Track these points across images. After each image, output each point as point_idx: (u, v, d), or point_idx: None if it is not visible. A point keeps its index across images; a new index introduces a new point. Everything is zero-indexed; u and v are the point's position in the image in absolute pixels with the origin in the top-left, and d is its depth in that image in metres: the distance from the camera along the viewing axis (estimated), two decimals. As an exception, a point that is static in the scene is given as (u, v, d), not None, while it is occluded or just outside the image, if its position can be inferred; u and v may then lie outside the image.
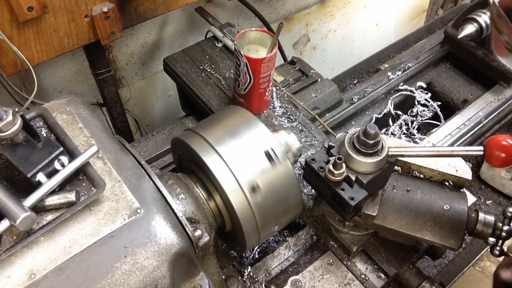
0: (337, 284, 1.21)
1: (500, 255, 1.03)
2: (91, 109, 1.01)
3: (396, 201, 1.14)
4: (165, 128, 1.59)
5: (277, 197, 1.04)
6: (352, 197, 0.99)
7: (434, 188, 1.17)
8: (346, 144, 1.01)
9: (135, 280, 0.78)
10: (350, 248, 1.20)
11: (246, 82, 1.36)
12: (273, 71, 1.38)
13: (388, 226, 1.12)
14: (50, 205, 0.81)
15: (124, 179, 0.88)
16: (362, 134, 0.98)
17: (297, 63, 1.75)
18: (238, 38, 1.33)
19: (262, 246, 1.40)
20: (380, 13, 3.01)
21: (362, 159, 0.99)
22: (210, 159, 1.00)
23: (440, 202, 1.13)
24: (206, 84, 1.56)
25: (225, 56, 1.66)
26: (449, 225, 1.10)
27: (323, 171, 1.02)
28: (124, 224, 0.82)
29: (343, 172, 0.99)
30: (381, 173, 1.02)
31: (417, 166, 1.19)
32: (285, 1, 2.41)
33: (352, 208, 0.99)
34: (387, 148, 1.00)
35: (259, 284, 1.24)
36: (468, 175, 1.17)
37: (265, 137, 1.06)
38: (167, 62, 1.64)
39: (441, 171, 1.17)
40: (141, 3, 1.53)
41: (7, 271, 0.74)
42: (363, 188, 1.00)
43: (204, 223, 1.01)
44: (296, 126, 1.46)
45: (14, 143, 0.80)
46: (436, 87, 1.94)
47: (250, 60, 1.30)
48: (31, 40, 1.37)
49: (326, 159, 1.04)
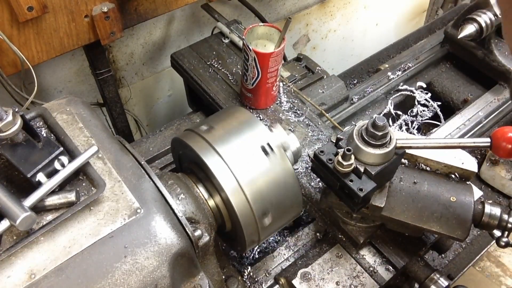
0: (347, 277, 1.22)
1: (506, 246, 1.05)
2: (91, 109, 1.01)
3: (403, 193, 1.15)
4: (173, 123, 1.61)
5: (279, 197, 1.04)
6: (360, 188, 1.00)
7: (440, 180, 1.18)
8: (355, 136, 1.03)
9: (135, 280, 0.78)
10: (357, 240, 1.21)
11: (254, 76, 1.38)
12: (280, 66, 1.39)
13: (395, 217, 1.13)
14: (50, 205, 0.81)
15: (124, 179, 0.88)
16: (371, 125, 1.00)
17: (303, 60, 1.76)
18: (247, 33, 1.34)
19: (262, 246, 1.40)
20: (380, 13, 3.01)
21: (370, 151, 1.00)
22: (210, 159, 1.00)
23: (447, 194, 1.14)
24: (213, 79, 1.58)
25: (232, 52, 1.67)
26: (456, 217, 1.11)
27: (332, 162, 1.03)
28: (124, 224, 0.82)
29: (352, 164, 1.00)
30: (389, 165, 1.03)
31: (424, 159, 1.20)
32: (285, 1, 2.41)
33: (360, 199, 1.00)
34: (395, 140, 1.02)
35: (259, 284, 1.24)
36: (474, 168, 1.17)
37: (266, 138, 1.06)
38: (174, 57, 1.66)
39: (447, 164, 1.18)
40: (141, 3, 1.53)
41: (7, 271, 0.74)
42: (372, 180, 1.02)
43: (204, 223, 1.01)
44: (303, 121, 1.47)
45: (14, 143, 0.80)
46: (436, 87, 1.94)
47: (258, 55, 1.32)
48: (31, 40, 1.37)
49: (334, 151, 1.06)
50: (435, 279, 1.18)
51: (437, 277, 1.19)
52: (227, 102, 1.50)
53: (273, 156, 1.04)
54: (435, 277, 1.19)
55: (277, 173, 1.03)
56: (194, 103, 1.77)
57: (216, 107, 1.51)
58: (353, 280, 1.20)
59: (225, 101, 1.50)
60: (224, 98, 1.52)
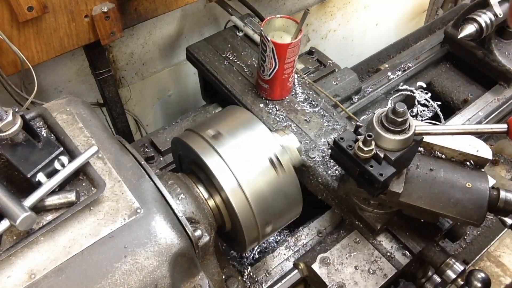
0: (365, 261, 1.24)
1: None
2: (91, 109, 1.01)
3: (420, 179, 1.17)
4: (189, 115, 1.63)
5: (278, 198, 1.04)
6: (381, 173, 1.02)
7: (456, 167, 1.20)
8: (375, 122, 1.05)
9: (135, 280, 0.78)
10: (374, 226, 1.24)
11: (272, 67, 1.40)
12: (296, 57, 1.41)
13: (413, 203, 1.15)
14: (50, 205, 0.81)
15: (124, 179, 0.88)
16: (391, 112, 1.02)
17: (315, 53, 1.78)
18: (264, 25, 1.37)
19: (262, 246, 1.40)
20: (380, 13, 3.01)
21: (390, 137, 1.02)
22: (210, 159, 1.00)
23: (462, 181, 1.17)
24: (229, 71, 1.60)
25: (246, 45, 1.70)
26: (472, 202, 1.14)
27: (352, 149, 1.06)
28: (124, 224, 0.82)
29: (372, 149, 1.02)
30: (407, 151, 1.06)
31: (439, 146, 1.22)
32: (285, 1, 2.41)
33: (380, 183, 1.02)
34: (413, 127, 1.04)
35: (259, 284, 1.25)
36: (488, 155, 1.19)
37: (266, 139, 1.06)
38: (190, 50, 1.68)
39: (463, 151, 1.20)
40: (141, 3, 1.53)
41: (7, 271, 0.74)
42: (391, 165, 1.04)
43: (204, 223, 1.01)
44: (318, 111, 1.49)
45: (14, 143, 0.80)
46: (436, 87, 1.94)
47: (276, 46, 1.34)
48: (31, 40, 1.37)
49: (354, 138, 1.08)
50: (451, 264, 1.20)
51: (452, 261, 1.21)
52: (243, 93, 1.52)
53: (276, 162, 1.04)
54: (450, 262, 1.21)
55: (277, 175, 1.03)
56: (207, 96, 1.79)
57: (233, 98, 1.53)
58: (371, 265, 1.23)
59: (241, 93, 1.52)
60: (240, 89, 1.54)
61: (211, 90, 1.69)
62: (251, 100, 1.49)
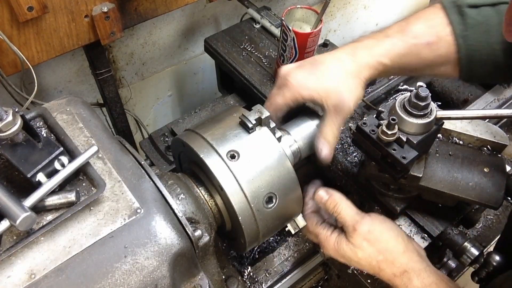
0: None
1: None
2: (91, 109, 1.01)
3: (439, 164, 1.21)
4: (207, 105, 1.65)
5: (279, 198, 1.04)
6: (403, 156, 1.05)
7: (473, 152, 1.24)
8: (397, 107, 1.08)
9: (135, 280, 0.79)
10: (394, 210, 1.25)
11: (292, 56, 1.42)
12: (316, 47, 1.43)
13: (432, 187, 1.18)
14: (50, 205, 0.81)
15: (124, 179, 0.88)
16: (414, 96, 1.04)
17: (329, 46, 1.79)
18: (285, 15, 1.40)
19: (262, 246, 1.40)
20: (380, 13, 3.01)
21: (413, 121, 1.05)
22: (210, 159, 1.00)
23: (480, 165, 1.20)
24: (247, 62, 1.62)
25: (263, 37, 1.72)
26: (490, 186, 1.17)
27: (375, 133, 1.08)
28: (124, 224, 0.82)
29: (396, 133, 1.05)
30: (429, 135, 1.08)
31: (457, 133, 1.27)
32: (285, 1, 2.41)
33: (404, 166, 1.04)
34: (435, 111, 1.07)
35: (259, 284, 1.24)
36: (506, 141, 1.23)
37: (266, 139, 1.06)
38: (208, 41, 1.69)
39: (480, 137, 1.25)
40: (141, 3, 1.53)
41: (7, 271, 0.74)
42: (413, 148, 1.06)
43: (204, 223, 1.02)
44: None
45: (14, 143, 0.80)
46: (436, 87, 1.94)
47: (297, 35, 1.36)
48: (31, 40, 1.37)
49: (376, 123, 1.11)
50: (468, 247, 1.23)
51: (471, 244, 1.23)
52: (262, 83, 1.54)
53: (273, 156, 1.04)
54: (468, 244, 1.23)
55: (279, 173, 1.03)
56: (224, 87, 1.82)
57: (251, 88, 1.55)
58: None
59: (260, 83, 1.54)
60: (259, 79, 1.55)
61: (228, 81, 1.74)
62: (270, 89, 1.49)
